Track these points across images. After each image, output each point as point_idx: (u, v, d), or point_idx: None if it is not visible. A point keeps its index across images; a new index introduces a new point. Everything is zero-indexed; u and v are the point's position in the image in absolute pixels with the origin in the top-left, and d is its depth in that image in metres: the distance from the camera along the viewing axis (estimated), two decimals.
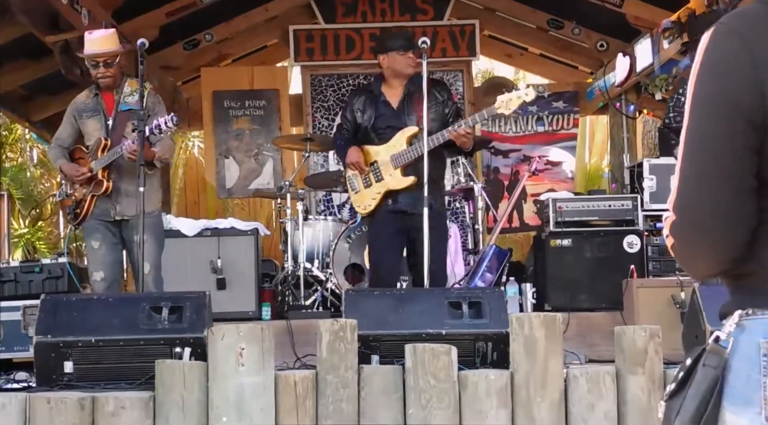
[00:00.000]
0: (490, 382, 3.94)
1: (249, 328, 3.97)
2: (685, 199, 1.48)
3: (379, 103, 5.57)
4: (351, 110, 5.65)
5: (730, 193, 1.44)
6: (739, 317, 1.48)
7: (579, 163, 10.57)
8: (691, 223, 1.49)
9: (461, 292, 4.57)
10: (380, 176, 5.48)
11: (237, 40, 9.44)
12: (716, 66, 1.46)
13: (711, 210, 1.46)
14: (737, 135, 1.43)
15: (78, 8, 6.74)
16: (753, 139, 1.43)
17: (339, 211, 8.78)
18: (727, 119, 1.44)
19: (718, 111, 1.45)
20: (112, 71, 5.34)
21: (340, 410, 3.93)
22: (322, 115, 9.22)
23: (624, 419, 4.00)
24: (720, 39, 1.47)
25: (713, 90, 1.46)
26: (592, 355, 4.95)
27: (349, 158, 5.52)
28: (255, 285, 6.16)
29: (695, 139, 1.48)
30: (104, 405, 3.84)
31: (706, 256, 1.51)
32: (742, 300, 1.49)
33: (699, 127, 1.47)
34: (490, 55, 10.25)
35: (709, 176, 1.46)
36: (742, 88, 1.43)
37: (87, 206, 5.34)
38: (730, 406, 1.45)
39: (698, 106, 1.48)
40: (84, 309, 4.37)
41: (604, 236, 6.36)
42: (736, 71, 1.44)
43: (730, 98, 1.44)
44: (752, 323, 1.46)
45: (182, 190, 10.88)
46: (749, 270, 1.49)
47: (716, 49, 1.47)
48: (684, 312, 4.89)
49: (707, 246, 1.49)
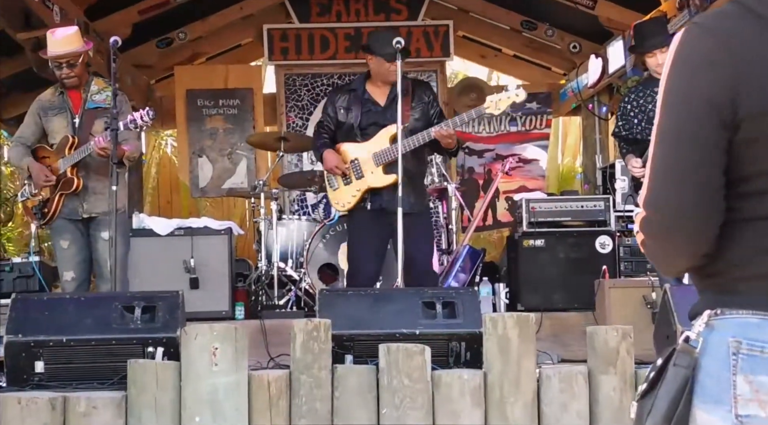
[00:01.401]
0: (464, 382, 3.96)
1: (222, 328, 3.96)
2: (656, 195, 1.50)
3: (364, 100, 5.55)
4: (333, 108, 5.60)
5: (700, 190, 1.46)
6: (708, 317, 1.50)
7: (552, 163, 10.62)
8: (660, 219, 1.50)
9: (435, 292, 4.58)
10: (361, 173, 5.46)
11: (211, 38, 9.41)
12: (689, 65, 1.48)
13: (680, 206, 1.48)
14: (708, 133, 1.45)
15: (50, 5, 6.69)
16: (723, 137, 1.45)
17: (313, 210, 8.77)
18: (699, 117, 1.46)
19: (690, 109, 1.47)
20: (76, 71, 5.28)
21: (314, 410, 3.93)
22: (296, 115, 9.21)
23: (596, 418, 4.03)
24: (694, 38, 1.48)
25: (686, 88, 1.48)
26: (566, 355, 4.98)
27: (327, 164, 5.50)
28: (228, 285, 6.14)
29: (666, 135, 1.49)
30: (76, 406, 3.81)
31: (676, 252, 1.53)
32: (711, 300, 1.51)
33: (670, 125, 1.49)
34: (464, 55, 10.28)
35: (679, 173, 1.47)
36: (715, 87, 1.45)
37: (55, 205, 5.29)
38: (701, 405, 1.46)
39: (670, 103, 1.49)
40: (55, 309, 4.34)
41: (577, 236, 6.40)
42: (709, 70, 1.45)
43: (702, 97, 1.45)
44: (721, 322, 1.48)
45: (155, 189, 10.82)
46: (718, 270, 1.51)
47: (690, 48, 1.48)
48: (655, 312, 4.93)
49: (676, 242, 1.51)
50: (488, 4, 9.14)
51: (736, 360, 1.44)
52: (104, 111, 5.28)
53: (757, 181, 1.47)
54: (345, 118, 5.55)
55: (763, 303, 1.45)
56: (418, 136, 5.30)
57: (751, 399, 1.42)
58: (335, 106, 5.60)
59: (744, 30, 1.45)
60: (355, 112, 5.53)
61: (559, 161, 11.38)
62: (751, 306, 1.46)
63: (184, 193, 9.96)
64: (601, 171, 8.34)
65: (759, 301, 1.45)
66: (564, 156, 11.54)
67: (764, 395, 1.42)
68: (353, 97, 5.57)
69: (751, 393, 1.43)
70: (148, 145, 10.68)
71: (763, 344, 1.43)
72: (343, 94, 5.65)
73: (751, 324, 1.45)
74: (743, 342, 1.44)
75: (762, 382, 1.42)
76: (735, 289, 1.49)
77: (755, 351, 1.43)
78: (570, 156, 11.42)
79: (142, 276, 5.84)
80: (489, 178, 9.25)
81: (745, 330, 1.45)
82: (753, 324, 1.45)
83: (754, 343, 1.43)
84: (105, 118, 5.24)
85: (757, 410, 1.42)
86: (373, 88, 5.58)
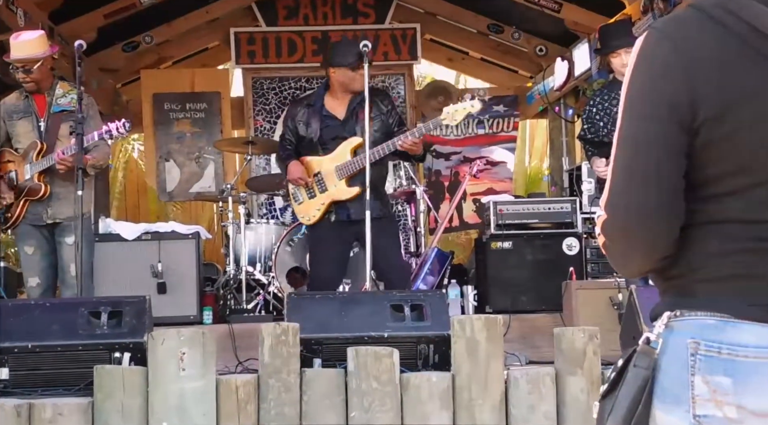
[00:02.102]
0: (432, 384, 3.97)
1: (190, 333, 3.94)
2: (617, 198, 1.52)
3: (323, 115, 5.53)
4: (293, 122, 5.61)
5: (660, 193, 1.48)
6: (667, 318, 1.51)
7: (519, 166, 10.68)
8: (621, 222, 1.52)
9: (403, 295, 4.59)
10: (324, 187, 5.47)
11: (177, 42, 9.36)
12: (648, 69, 1.49)
13: (640, 209, 1.49)
14: (668, 137, 1.47)
15: (14, 9, 6.63)
16: (683, 141, 1.47)
17: (281, 214, 8.75)
18: (658, 121, 1.47)
19: (649, 113, 1.48)
20: (32, 76, 5.23)
21: (283, 414, 3.92)
22: (264, 118, 9.18)
23: (564, 419, 4.05)
24: (652, 43, 1.50)
25: (645, 92, 1.49)
26: (534, 357, 5.00)
27: (291, 175, 5.50)
28: (196, 289, 6.11)
29: (627, 139, 1.50)
30: (41, 412, 3.78)
31: (636, 254, 1.54)
32: (671, 302, 1.53)
33: (631, 128, 1.50)
34: (431, 58, 10.31)
35: (639, 175, 1.49)
36: (673, 91, 1.46)
37: (19, 210, 5.25)
38: (660, 405, 1.48)
39: (631, 107, 1.51)
40: (21, 315, 4.29)
41: (544, 238, 6.43)
42: (668, 75, 1.47)
43: (661, 101, 1.47)
44: (680, 324, 1.49)
45: (122, 194, 10.76)
46: (678, 273, 1.53)
47: (648, 53, 1.50)
48: (622, 313, 4.96)
49: (636, 245, 1.52)
50: (455, 8, 9.17)
51: (694, 361, 1.46)
52: (70, 114, 5.23)
53: (716, 185, 1.48)
54: (305, 132, 5.55)
55: (721, 305, 1.47)
56: (383, 147, 5.31)
57: (709, 400, 1.44)
58: (295, 120, 5.60)
59: (701, 34, 1.47)
60: (314, 127, 5.52)
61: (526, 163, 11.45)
62: (710, 308, 1.47)
63: (152, 197, 9.92)
64: (567, 173, 8.38)
65: (717, 303, 1.47)
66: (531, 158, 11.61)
67: (721, 395, 1.44)
68: (312, 112, 5.56)
69: (708, 394, 1.44)
70: (115, 149, 10.62)
71: (720, 345, 1.45)
72: (302, 108, 5.64)
73: (709, 326, 1.46)
74: (701, 343, 1.46)
75: (719, 382, 1.44)
76: (694, 291, 1.51)
77: (712, 352, 1.45)
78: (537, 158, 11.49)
79: (108, 281, 5.79)
80: (456, 180, 9.28)
81: (704, 332, 1.46)
82: (711, 325, 1.46)
83: (711, 344, 1.45)
84: (71, 121, 5.19)
85: (714, 410, 1.44)
86: (331, 102, 5.56)
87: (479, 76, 10.36)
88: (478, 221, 8.30)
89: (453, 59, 10.09)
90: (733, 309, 1.46)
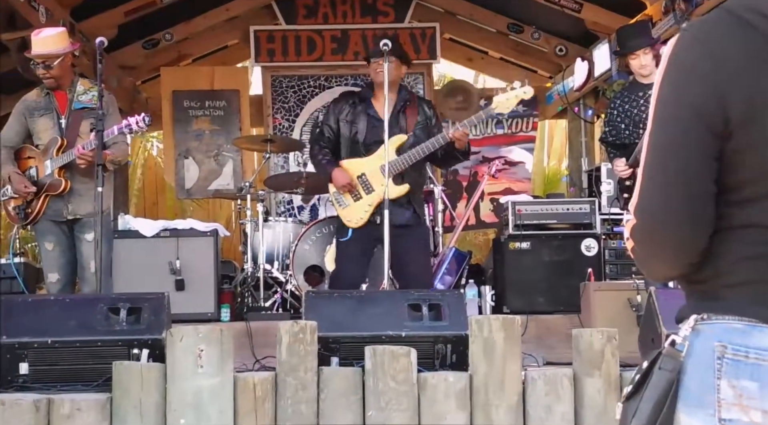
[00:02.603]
0: (449, 384, 3.96)
1: (208, 330, 3.95)
2: (647, 203, 1.51)
3: (369, 116, 5.49)
4: (336, 120, 5.55)
5: (691, 198, 1.47)
6: (694, 321, 1.51)
7: (537, 166, 10.65)
8: (651, 227, 1.51)
9: (421, 294, 4.58)
10: (371, 188, 5.40)
11: (197, 40, 9.39)
12: (678, 73, 1.49)
13: (671, 214, 1.48)
14: (698, 142, 1.46)
15: (35, 6, 6.67)
16: (713, 146, 1.46)
17: (299, 212, 8.76)
18: (689, 126, 1.46)
19: (680, 117, 1.48)
20: (52, 73, 5.25)
21: (299, 412, 3.92)
22: (282, 116, 9.20)
23: (581, 421, 4.03)
24: (683, 47, 1.50)
25: (675, 97, 1.48)
26: (551, 358, 4.99)
27: (337, 182, 5.41)
28: (214, 287, 6.13)
29: (658, 144, 1.50)
30: (60, 407, 3.79)
31: (666, 260, 1.53)
32: (697, 306, 1.52)
33: (662, 133, 1.50)
34: (450, 58, 10.30)
35: (670, 181, 1.48)
36: (704, 96, 1.46)
37: (39, 206, 5.27)
38: (684, 408, 1.48)
39: (662, 112, 1.50)
40: (40, 310, 4.31)
41: (563, 239, 6.42)
42: (698, 79, 1.46)
43: (692, 106, 1.46)
44: (707, 327, 1.49)
45: (141, 191, 10.80)
46: (705, 277, 1.52)
47: (679, 56, 1.49)
48: (640, 315, 4.94)
49: (666, 250, 1.52)
50: (475, 7, 9.16)
51: (720, 365, 1.45)
52: (91, 111, 5.24)
53: (746, 189, 1.47)
54: (348, 132, 5.50)
55: (749, 309, 1.46)
56: (432, 141, 5.28)
57: (734, 404, 1.44)
58: (338, 118, 5.54)
59: (732, 38, 1.46)
60: (360, 127, 5.48)
61: (545, 164, 11.42)
62: (737, 312, 1.47)
63: (170, 194, 9.94)
64: (586, 174, 8.36)
65: (744, 307, 1.47)
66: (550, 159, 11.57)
67: (747, 400, 1.43)
68: (359, 111, 5.51)
69: (734, 398, 1.44)
70: (134, 146, 10.66)
71: (747, 349, 1.44)
72: (350, 106, 5.57)
73: (737, 330, 1.46)
74: (728, 347, 1.45)
75: (745, 387, 1.43)
76: (721, 295, 1.50)
77: (740, 356, 1.44)
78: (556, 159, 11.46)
79: (127, 278, 5.82)
80: (474, 180, 9.26)
81: (731, 336, 1.46)
82: (738, 329, 1.46)
83: (738, 348, 1.45)
84: (92, 118, 5.20)
85: (740, 414, 1.44)
86: (376, 101, 5.53)
87: (498, 76, 10.34)
88: (495, 220, 8.27)
89: (472, 59, 10.08)
90: (758, 314, 1.45)
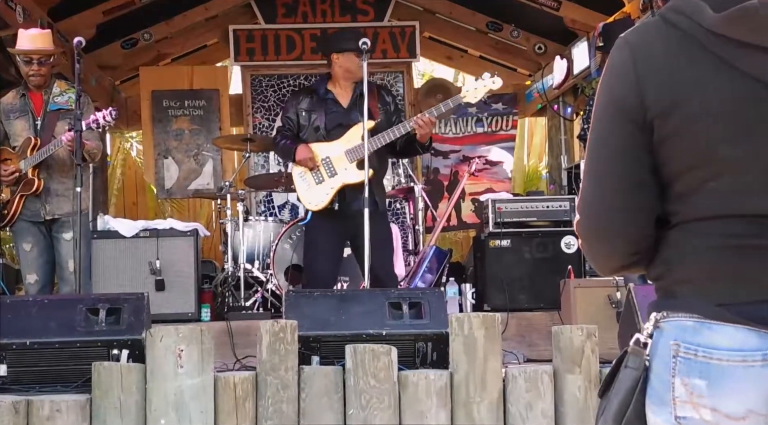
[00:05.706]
0: (430, 382, 3.97)
1: (188, 330, 3.94)
2: (585, 199, 1.58)
3: (327, 101, 5.53)
4: (295, 111, 5.58)
5: (621, 188, 1.53)
6: (655, 319, 1.54)
7: (517, 164, 10.67)
8: (588, 221, 1.58)
9: (401, 293, 4.58)
10: (333, 171, 5.42)
11: (176, 39, 9.36)
12: (608, 74, 1.56)
13: (603, 205, 1.55)
14: (625, 135, 1.52)
15: (12, 6, 6.62)
16: (640, 138, 1.52)
17: (279, 211, 8.75)
18: (614, 120, 1.54)
19: (607, 114, 1.55)
20: (45, 70, 5.28)
21: (280, 411, 3.92)
22: (262, 116, 9.18)
23: (561, 417, 4.05)
24: (614, 50, 1.57)
25: (606, 97, 1.56)
26: (532, 355, 5.01)
27: (300, 155, 5.42)
28: (194, 287, 6.10)
29: (591, 140, 1.58)
30: (39, 409, 3.78)
31: (606, 253, 1.59)
32: (659, 303, 1.56)
33: (594, 130, 1.57)
34: (430, 56, 10.31)
35: (600, 174, 1.56)
36: (625, 91, 1.52)
37: (15, 207, 5.26)
38: (650, 406, 1.51)
39: (596, 111, 1.58)
40: (19, 311, 4.29)
41: (543, 237, 6.43)
42: (622, 77, 1.53)
43: (616, 102, 1.54)
44: (666, 325, 1.52)
45: (120, 191, 10.75)
46: (660, 274, 1.56)
47: (611, 59, 1.57)
48: (620, 311, 4.97)
49: (602, 241, 1.58)
50: (454, 6, 9.17)
51: (675, 363, 1.48)
52: (66, 112, 5.25)
53: (682, 180, 1.52)
54: (307, 121, 5.52)
55: (697, 306, 1.49)
56: (396, 127, 5.28)
57: (687, 401, 1.46)
58: (297, 110, 5.57)
59: (657, 37, 1.53)
60: (319, 114, 5.51)
61: (524, 162, 11.44)
62: (687, 309, 1.50)
63: (150, 194, 9.91)
64: (566, 171, 8.39)
65: (693, 304, 1.49)
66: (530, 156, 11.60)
67: (697, 397, 1.45)
68: (316, 99, 5.55)
69: (686, 396, 1.46)
70: (113, 146, 10.61)
71: (696, 347, 1.47)
72: (305, 97, 5.62)
73: (687, 328, 1.49)
74: (681, 346, 1.48)
75: (695, 385, 1.46)
76: (674, 292, 1.54)
77: (690, 354, 1.47)
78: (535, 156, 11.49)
79: (107, 278, 5.80)
80: (455, 179, 9.28)
81: (684, 334, 1.49)
82: (689, 327, 1.49)
83: (689, 347, 1.47)
84: (68, 119, 5.20)
85: (692, 412, 1.46)
86: (335, 89, 5.56)
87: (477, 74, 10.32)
88: (476, 221, 8.29)
89: (452, 57, 10.09)
90: (702, 310, 1.47)
